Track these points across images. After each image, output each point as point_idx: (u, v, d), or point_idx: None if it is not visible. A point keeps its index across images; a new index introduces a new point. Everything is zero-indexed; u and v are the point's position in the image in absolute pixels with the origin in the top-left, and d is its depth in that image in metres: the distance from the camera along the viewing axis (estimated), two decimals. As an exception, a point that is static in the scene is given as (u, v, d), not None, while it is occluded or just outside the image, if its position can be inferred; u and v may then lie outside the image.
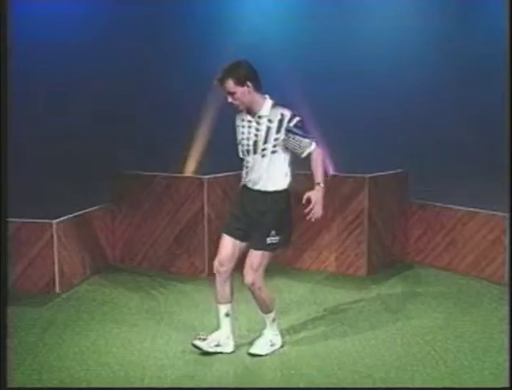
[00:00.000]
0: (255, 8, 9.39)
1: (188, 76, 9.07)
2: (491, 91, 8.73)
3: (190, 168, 8.44)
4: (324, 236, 6.90)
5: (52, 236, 6.09)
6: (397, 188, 7.05)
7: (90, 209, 6.79)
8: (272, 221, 4.67)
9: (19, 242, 6.03)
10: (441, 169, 9.02)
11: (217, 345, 4.85)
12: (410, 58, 9.54)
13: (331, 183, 6.90)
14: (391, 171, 7.10)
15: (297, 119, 4.59)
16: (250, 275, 4.71)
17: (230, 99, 4.58)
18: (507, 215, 6.29)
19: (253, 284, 4.73)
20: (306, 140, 4.60)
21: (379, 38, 9.56)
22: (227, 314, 4.88)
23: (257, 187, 4.70)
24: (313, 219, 4.58)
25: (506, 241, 6.31)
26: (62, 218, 6.26)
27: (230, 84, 4.52)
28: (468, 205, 6.78)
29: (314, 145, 4.61)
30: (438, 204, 7.00)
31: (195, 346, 4.84)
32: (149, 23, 9.40)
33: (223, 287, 4.84)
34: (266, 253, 4.72)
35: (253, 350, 4.87)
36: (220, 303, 4.88)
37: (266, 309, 4.90)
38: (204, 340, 4.85)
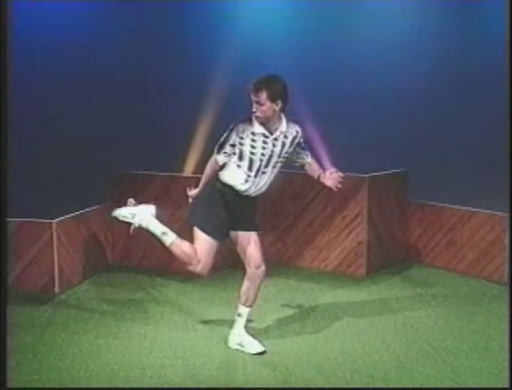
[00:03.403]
0: (256, 8, 9.40)
1: (189, 76, 9.07)
2: (491, 90, 8.72)
3: (189, 168, 8.43)
4: (324, 235, 6.90)
5: (52, 236, 6.08)
6: (397, 188, 7.05)
7: (90, 209, 6.79)
8: (256, 219, 4.92)
9: (19, 242, 6.02)
10: (441, 169, 9.01)
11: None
12: (410, 57, 9.53)
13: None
14: (391, 171, 7.10)
15: (302, 134, 4.84)
16: (263, 263, 4.85)
17: (255, 109, 4.58)
18: (507, 215, 6.29)
19: (263, 273, 4.87)
20: (308, 151, 4.91)
21: (379, 37, 9.55)
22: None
23: (254, 195, 4.81)
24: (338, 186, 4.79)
25: (506, 241, 6.31)
26: (61, 218, 6.25)
27: (263, 95, 4.53)
28: (468, 204, 6.78)
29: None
30: (438, 203, 7.01)
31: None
32: (149, 23, 9.40)
33: None
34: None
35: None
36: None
37: (253, 303, 4.94)
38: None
